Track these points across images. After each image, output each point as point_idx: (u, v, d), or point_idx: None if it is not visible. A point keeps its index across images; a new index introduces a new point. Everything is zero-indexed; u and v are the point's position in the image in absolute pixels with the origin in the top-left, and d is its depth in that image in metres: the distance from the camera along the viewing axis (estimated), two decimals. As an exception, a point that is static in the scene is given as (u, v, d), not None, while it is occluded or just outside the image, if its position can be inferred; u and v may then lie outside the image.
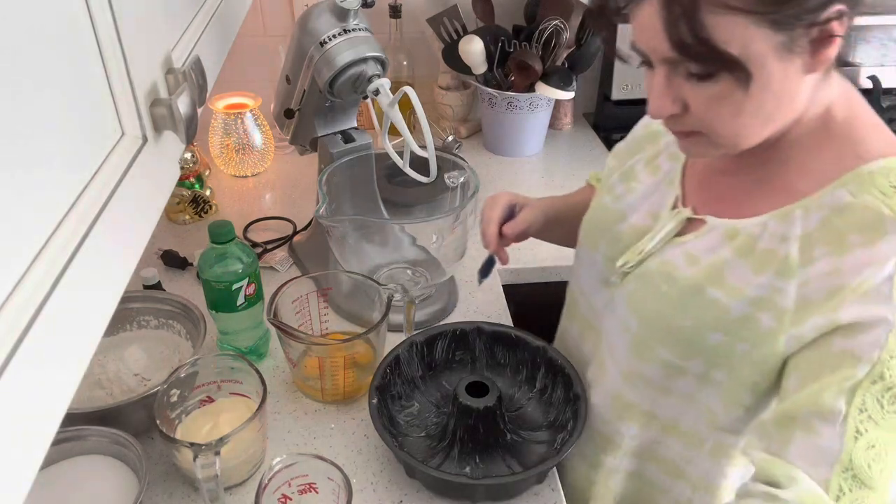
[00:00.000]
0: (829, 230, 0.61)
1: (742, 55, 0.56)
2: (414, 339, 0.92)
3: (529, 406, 0.90)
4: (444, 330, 0.94)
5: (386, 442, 0.78)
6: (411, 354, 0.91)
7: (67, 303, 0.31)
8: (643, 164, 0.82)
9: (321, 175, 0.99)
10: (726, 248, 0.68)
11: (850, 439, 0.58)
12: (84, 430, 0.77)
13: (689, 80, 0.59)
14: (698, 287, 0.68)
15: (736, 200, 0.70)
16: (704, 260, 0.69)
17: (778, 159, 0.67)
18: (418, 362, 0.92)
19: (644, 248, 0.74)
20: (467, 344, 0.95)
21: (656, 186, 0.78)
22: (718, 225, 0.70)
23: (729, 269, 0.67)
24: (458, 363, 0.95)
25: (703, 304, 0.67)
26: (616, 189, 0.83)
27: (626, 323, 0.75)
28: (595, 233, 0.83)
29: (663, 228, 0.73)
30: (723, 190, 0.72)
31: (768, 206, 0.66)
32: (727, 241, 0.68)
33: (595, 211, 0.86)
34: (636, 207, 0.79)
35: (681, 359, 0.70)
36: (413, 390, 0.91)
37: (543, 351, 0.90)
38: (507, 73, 1.48)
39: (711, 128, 0.62)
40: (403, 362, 0.90)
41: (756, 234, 0.66)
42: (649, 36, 0.59)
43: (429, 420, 0.87)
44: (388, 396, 0.87)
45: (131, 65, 0.40)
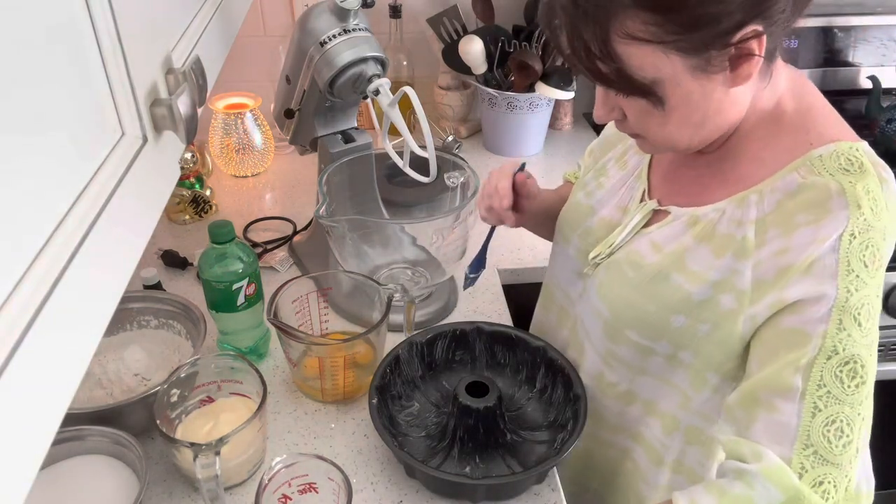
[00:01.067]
0: (780, 212, 0.65)
1: (656, 79, 0.60)
2: (414, 339, 0.92)
3: (529, 406, 0.90)
4: (444, 330, 0.94)
5: (386, 442, 0.78)
6: (411, 354, 0.91)
7: (67, 303, 0.31)
8: (613, 160, 0.86)
9: (321, 175, 0.99)
10: (688, 235, 0.71)
11: (808, 415, 0.60)
12: (84, 430, 0.77)
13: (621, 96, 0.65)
14: (662, 273, 0.72)
15: (696, 191, 0.73)
16: (668, 247, 0.72)
17: (733, 152, 0.71)
18: (418, 362, 0.92)
19: (614, 241, 0.78)
20: (467, 344, 0.95)
21: (624, 181, 0.82)
22: (681, 214, 0.73)
23: (690, 255, 0.70)
24: (458, 363, 0.95)
25: (667, 290, 0.71)
26: (588, 185, 0.87)
27: (598, 310, 0.79)
28: (567, 228, 0.88)
29: (631, 221, 0.77)
30: (684, 182, 0.75)
31: (725, 194, 0.70)
32: (688, 228, 0.72)
33: (568, 207, 0.89)
34: (605, 202, 0.83)
35: (649, 340, 0.74)
36: (413, 390, 0.91)
37: (543, 351, 0.90)
38: (507, 73, 1.48)
39: (646, 133, 0.68)
40: (403, 362, 0.90)
41: (714, 219, 0.69)
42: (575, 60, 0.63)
43: (429, 420, 0.87)
44: (388, 396, 0.87)
45: (131, 65, 0.40)
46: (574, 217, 0.87)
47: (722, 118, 0.66)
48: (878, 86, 1.49)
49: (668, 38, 0.57)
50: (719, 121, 0.66)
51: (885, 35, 1.57)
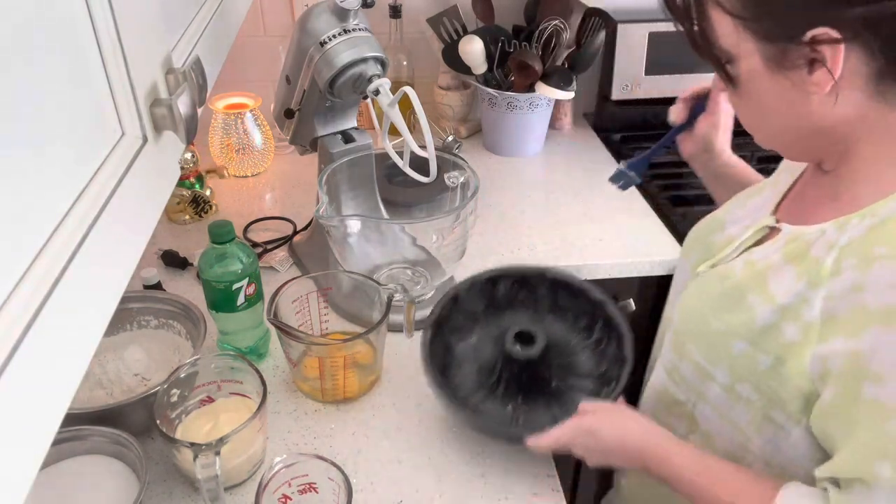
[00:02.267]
0: (863, 240, 0.58)
1: (733, 55, 0.60)
2: (476, 279, 0.94)
3: (583, 355, 0.90)
4: (508, 273, 0.95)
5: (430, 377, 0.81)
6: (471, 293, 0.93)
7: (67, 303, 0.31)
8: (771, 181, 0.80)
9: (321, 175, 0.99)
10: (779, 252, 0.65)
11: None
12: (84, 430, 0.77)
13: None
14: (740, 290, 0.66)
15: (811, 210, 0.67)
16: (756, 263, 0.67)
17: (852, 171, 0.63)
18: (479, 299, 0.94)
19: (722, 255, 0.73)
20: (530, 287, 0.95)
21: (765, 202, 0.76)
22: (787, 232, 0.67)
23: (773, 273, 0.64)
24: (520, 303, 0.96)
25: (738, 309, 0.65)
26: (734, 202, 0.82)
27: (671, 318, 0.76)
28: (692, 241, 0.83)
29: (742, 236, 0.72)
30: (807, 202, 0.70)
31: (832, 216, 0.63)
32: (785, 245, 0.65)
33: (702, 221, 0.85)
34: (737, 219, 0.77)
35: (708, 362, 0.69)
36: (474, 323, 0.94)
37: (602, 305, 0.90)
38: (507, 73, 1.48)
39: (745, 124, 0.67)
40: (462, 300, 0.92)
41: (811, 240, 0.63)
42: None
43: (484, 354, 0.89)
44: (447, 328, 0.90)
45: (131, 65, 0.40)
46: (701, 231, 0.82)
47: (798, 123, 0.61)
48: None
49: (745, 14, 0.56)
50: (794, 124, 0.61)
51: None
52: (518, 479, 0.82)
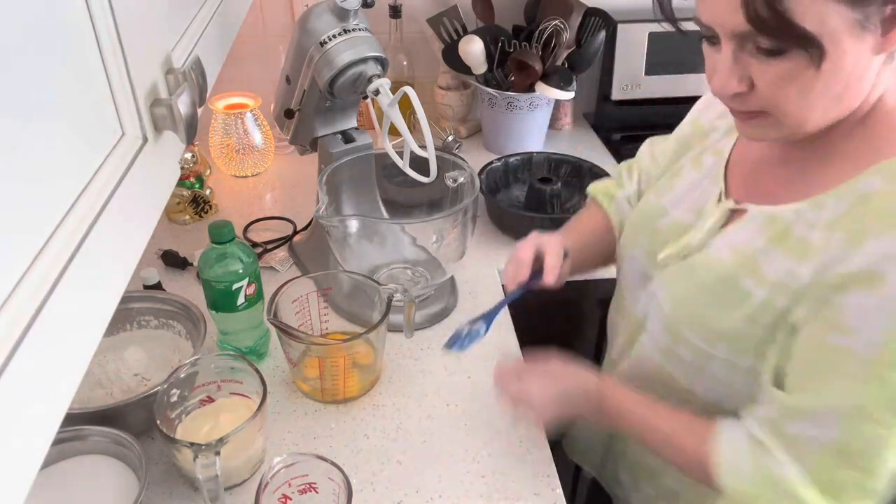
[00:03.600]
0: (851, 216, 0.60)
1: (818, 31, 0.54)
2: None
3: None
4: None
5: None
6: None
7: (68, 303, 0.31)
8: (690, 161, 0.82)
9: (321, 175, 0.99)
10: (762, 236, 0.67)
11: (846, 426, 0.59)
12: (84, 430, 0.77)
13: (756, 56, 0.58)
14: (732, 276, 0.68)
15: (779, 190, 0.69)
16: (742, 249, 0.68)
17: (824, 147, 0.65)
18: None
19: (690, 243, 0.74)
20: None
21: (699, 182, 0.78)
22: (758, 213, 0.69)
23: (763, 257, 0.66)
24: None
25: (734, 295, 0.67)
26: (661, 185, 0.83)
27: (661, 309, 0.76)
28: (635, 230, 0.84)
29: (707, 221, 0.73)
30: (766, 181, 0.71)
31: (805, 194, 0.65)
32: (763, 228, 0.67)
33: (639, 209, 0.86)
34: (678, 203, 0.79)
35: (708, 345, 0.70)
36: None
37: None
38: (507, 73, 1.48)
39: (777, 108, 0.60)
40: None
41: (790, 220, 0.65)
42: (719, 8, 0.57)
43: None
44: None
45: (131, 65, 0.40)
46: (643, 218, 0.83)
47: (858, 92, 0.60)
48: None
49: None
50: (855, 95, 0.60)
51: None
52: (518, 479, 0.82)
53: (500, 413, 0.91)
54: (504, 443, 0.87)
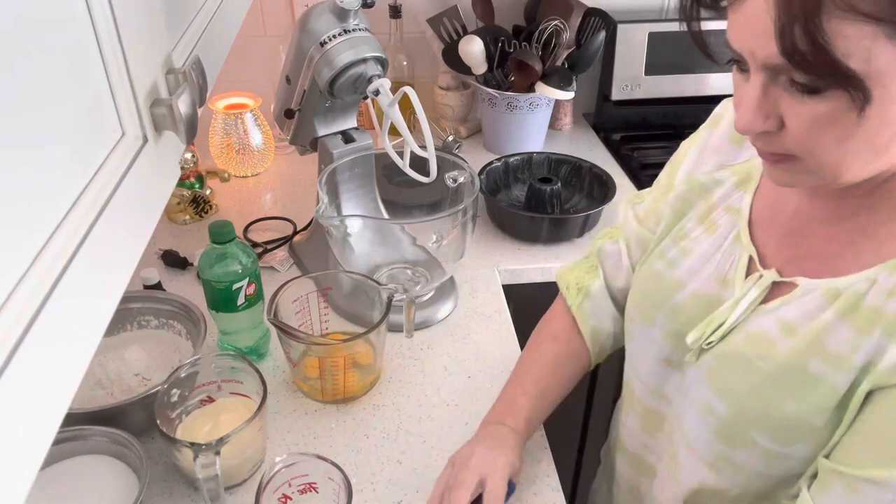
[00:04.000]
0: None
1: (862, 71, 0.46)
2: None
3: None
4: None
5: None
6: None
7: (68, 303, 0.31)
8: (695, 221, 0.72)
9: (321, 175, 0.99)
10: (828, 311, 0.57)
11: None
12: (84, 430, 0.77)
13: (790, 92, 0.50)
14: (798, 361, 0.58)
15: (832, 255, 0.59)
16: (803, 328, 0.59)
17: (885, 204, 0.57)
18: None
19: (725, 320, 0.63)
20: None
21: (717, 246, 0.68)
22: (813, 287, 0.59)
23: (829, 334, 0.57)
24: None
25: (806, 382, 0.58)
26: (668, 253, 0.72)
27: (710, 405, 0.64)
28: (650, 307, 0.72)
29: (746, 296, 0.63)
30: (813, 244, 0.61)
31: (875, 258, 0.56)
32: (828, 302, 0.58)
33: (646, 281, 0.74)
34: (696, 273, 0.69)
35: (781, 445, 0.60)
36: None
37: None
38: (507, 73, 1.48)
39: (811, 153, 0.52)
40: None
41: (862, 290, 0.56)
42: (752, 35, 0.49)
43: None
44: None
45: (131, 65, 0.40)
46: (656, 293, 0.72)
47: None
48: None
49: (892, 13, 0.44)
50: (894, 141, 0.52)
51: None
52: (518, 479, 0.82)
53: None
54: (504, 443, 0.87)
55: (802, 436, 0.59)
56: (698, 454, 0.67)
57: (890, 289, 0.55)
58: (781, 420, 0.59)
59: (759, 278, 0.63)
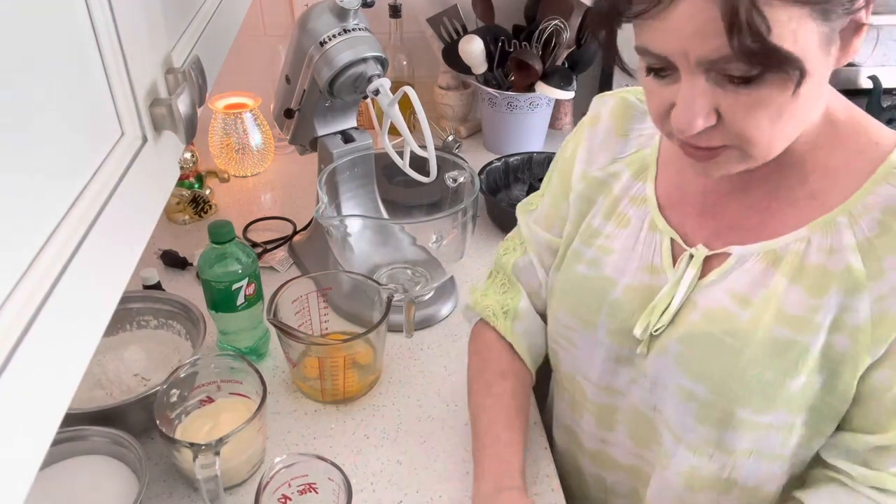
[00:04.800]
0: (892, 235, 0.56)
1: (795, 51, 0.49)
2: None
3: None
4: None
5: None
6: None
7: (67, 303, 0.31)
8: (601, 217, 0.73)
9: (321, 175, 0.99)
10: (776, 276, 0.60)
11: None
12: (84, 430, 0.77)
13: (724, 86, 0.52)
14: (767, 334, 0.60)
15: (755, 221, 0.62)
16: (756, 296, 0.61)
17: (790, 166, 0.60)
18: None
19: (668, 304, 0.65)
20: None
21: (635, 238, 0.69)
22: (750, 252, 0.62)
23: (784, 298, 0.59)
24: None
25: (776, 349, 0.60)
26: (584, 254, 0.73)
27: (685, 390, 0.65)
28: (587, 312, 0.72)
29: (685, 276, 0.64)
30: (732, 216, 0.64)
31: (798, 219, 0.60)
32: (772, 267, 0.60)
33: (574, 287, 0.74)
34: (622, 268, 0.70)
35: (763, 414, 0.62)
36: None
37: None
38: (507, 73, 1.48)
39: (746, 138, 0.54)
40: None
41: (800, 250, 0.59)
42: (685, 36, 0.50)
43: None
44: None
45: (131, 64, 0.40)
46: (589, 295, 0.72)
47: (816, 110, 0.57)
48: (879, 86, 1.49)
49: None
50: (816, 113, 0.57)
51: (885, 35, 1.57)
52: (518, 479, 0.82)
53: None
54: (504, 443, 0.87)
55: (780, 402, 0.60)
56: (684, 441, 0.68)
57: (828, 247, 0.58)
58: (763, 391, 0.61)
59: (691, 257, 0.65)
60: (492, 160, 1.36)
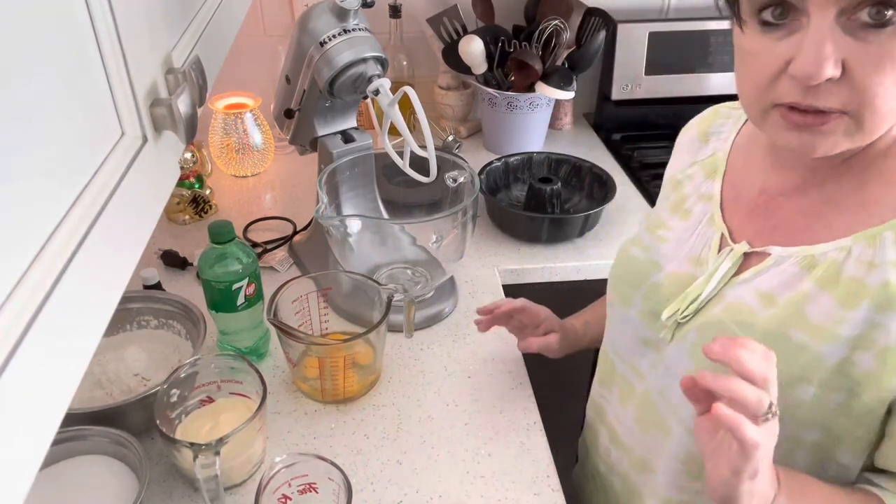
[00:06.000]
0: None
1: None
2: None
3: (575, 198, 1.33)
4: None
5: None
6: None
7: (67, 303, 0.31)
8: (668, 211, 0.75)
9: (321, 175, 0.99)
10: (806, 281, 0.58)
11: None
12: (84, 430, 0.77)
13: (855, 34, 0.48)
14: (780, 331, 0.58)
15: (800, 225, 0.61)
16: (782, 297, 0.59)
17: (851, 170, 0.58)
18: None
19: (698, 295, 0.64)
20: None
21: (692, 231, 0.70)
22: (788, 254, 0.60)
23: (811, 305, 0.57)
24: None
25: (789, 352, 0.57)
26: (643, 240, 0.75)
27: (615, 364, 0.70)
28: (626, 288, 0.74)
29: (718, 269, 0.64)
30: (783, 216, 0.63)
31: (844, 228, 0.57)
32: (805, 271, 0.59)
33: (623, 265, 0.77)
34: (672, 256, 0.70)
35: None
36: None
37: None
38: (507, 73, 1.48)
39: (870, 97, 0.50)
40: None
41: (839, 260, 0.57)
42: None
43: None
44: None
45: (131, 65, 0.40)
46: (633, 275, 0.73)
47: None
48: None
49: None
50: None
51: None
52: (518, 479, 0.82)
53: (499, 413, 0.91)
54: (504, 443, 0.87)
55: (785, 409, 0.57)
56: (686, 425, 0.67)
57: (869, 260, 0.55)
58: None
59: (731, 251, 0.64)
60: (492, 160, 1.36)
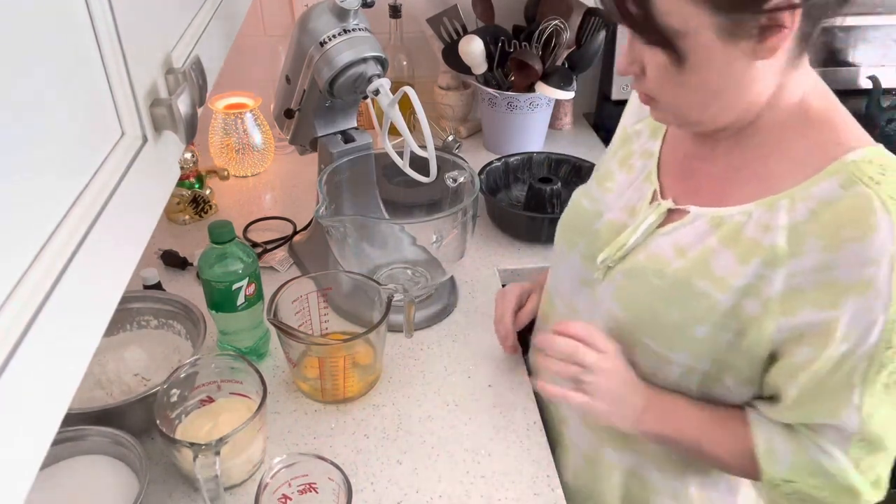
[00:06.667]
0: (819, 223, 0.61)
1: (681, 31, 0.58)
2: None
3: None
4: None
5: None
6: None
7: (67, 303, 0.31)
8: (617, 164, 0.83)
9: (321, 175, 0.99)
10: (712, 238, 0.68)
11: (865, 421, 0.63)
12: (84, 430, 0.77)
13: (642, 43, 0.62)
14: (686, 279, 0.68)
15: (715, 189, 0.70)
16: (691, 251, 0.69)
17: (754, 145, 0.67)
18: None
19: (626, 242, 0.74)
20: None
21: (630, 183, 0.79)
22: (701, 214, 0.69)
23: (715, 259, 0.67)
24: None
25: (691, 297, 0.68)
26: (592, 192, 0.84)
27: (613, 315, 0.75)
28: (571, 233, 0.84)
29: (644, 221, 0.73)
30: (700, 179, 0.72)
31: (750, 194, 0.66)
32: (713, 230, 0.68)
33: (571, 212, 0.86)
34: (612, 205, 0.79)
35: (666, 349, 0.71)
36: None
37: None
38: (507, 73, 1.48)
39: (661, 96, 0.65)
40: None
41: (741, 222, 0.66)
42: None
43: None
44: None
45: (131, 65, 0.40)
46: (578, 221, 0.83)
47: (739, 94, 0.63)
48: (878, 86, 1.49)
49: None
50: (736, 97, 0.63)
51: (885, 35, 1.57)
52: (518, 479, 0.82)
53: (499, 413, 0.91)
54: (504, 443, 0.87)
55: (683, 343, 0.69)
56: None
57: (766, 223, 0.64)
58: (667, 326, 0.70)
59: (658, 206, 0.73)
60: (492, 160, 1.36)
